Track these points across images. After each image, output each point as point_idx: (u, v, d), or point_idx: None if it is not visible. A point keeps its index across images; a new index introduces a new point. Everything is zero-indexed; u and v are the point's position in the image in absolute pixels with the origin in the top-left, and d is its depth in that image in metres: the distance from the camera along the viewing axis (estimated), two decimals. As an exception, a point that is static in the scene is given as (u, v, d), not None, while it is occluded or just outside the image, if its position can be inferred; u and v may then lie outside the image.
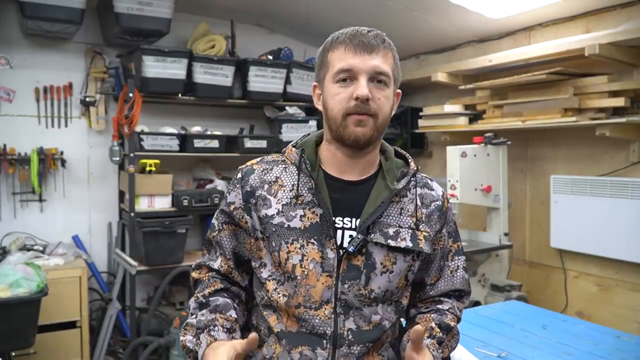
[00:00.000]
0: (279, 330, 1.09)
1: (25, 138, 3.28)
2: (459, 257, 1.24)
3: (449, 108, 3.52)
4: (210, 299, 1.13)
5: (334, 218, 1.08)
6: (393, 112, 1.14)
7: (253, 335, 0.96)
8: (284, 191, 1.11)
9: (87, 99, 3.42)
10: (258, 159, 1.19)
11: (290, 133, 3.60)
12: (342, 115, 1.06)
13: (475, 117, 3.44)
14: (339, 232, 1.08)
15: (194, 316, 1.11)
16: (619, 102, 2.60)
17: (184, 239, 3.27)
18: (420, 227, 1.13)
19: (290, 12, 3.63)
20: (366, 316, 1.08)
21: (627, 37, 2.51)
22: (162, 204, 3.32)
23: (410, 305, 1.22)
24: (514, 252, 3.28)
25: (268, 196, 1.11)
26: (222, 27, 3.65)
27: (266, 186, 1.13)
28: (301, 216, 1.08)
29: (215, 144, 3.43)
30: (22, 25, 3.12)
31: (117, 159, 3.37)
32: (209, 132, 3.54)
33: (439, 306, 1.21)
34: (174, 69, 3.18)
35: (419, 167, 1.20)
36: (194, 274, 1.21)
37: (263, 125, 3.95)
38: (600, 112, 2.70)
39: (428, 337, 1.11)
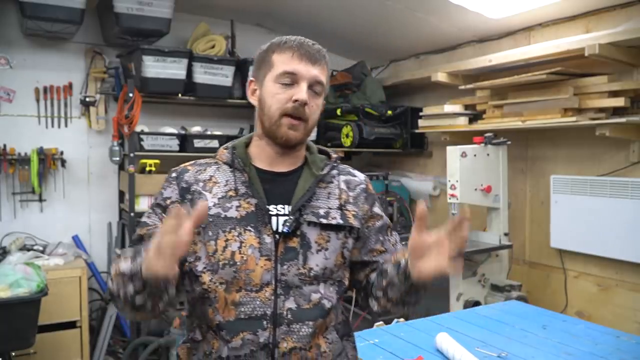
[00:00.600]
0: (218, 322, 1.12)
1: (25, 138, 3.28)
2: (394, 233, 1.35)
3: (449, 108, 3.52)
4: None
5: (268, 206, 1.17)
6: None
7: (204, 203, 1.00)
8: (219, 187, 1.19)
9: (87, 99, 3.42)
10: (191, 162, 1.27)
11: (290, 133, 3.60)
12: (278, 115, 1.16)
13: (475, 117, 3.43)
14: (274, 218, 1.17)
15: (121, 256, 1.09)
16: (619, 102, 2.60)
17: (184, 239, 3.27)
18: (348, 207, 1.23)
19: (290, 12, 3.63)
20: (306, 295, 1.15)
21: (627, 37, 2.50)
22: (162, 204, 3.32)
23: (365, 278, 1.28)
24: (514, 252, 3.27)
25: (203, 192, 1.19)
26: (222, 27, 3.65)
27: (201, 183, 1.20)
28: (237, 207, 1.16)
29: (215, 144, 3.43)
30: (22, 25, 3.12)
31: (117, 159, 3.37)
32: (209, 132, 3.54)
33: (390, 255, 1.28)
34: (174, 69, 3.18)
35: (339, 155, 1.33)
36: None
37: (263, 125, 3.95)
38: (600, 112, 2.70)
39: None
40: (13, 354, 2.60)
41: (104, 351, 3.22)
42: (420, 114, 3.75)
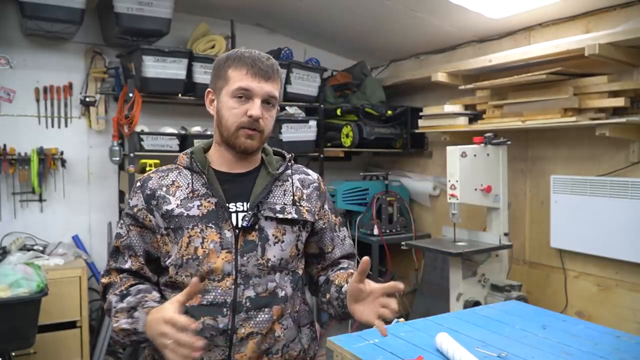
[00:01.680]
0: (185, 307, 1.17)
1: (25, 138, 3.28)
2: (343, 228, 1.50)
3: (449, 108, 3.52)
4: (130, 289, 1.25)
5: (227, 204, 1.27)
6: None
7: (195, 279, 1.07)
8: (181, 190, 1.29)
9: (87, 99, 3.42)
10: (153, 170, 1.38)
11: (290, 133, 3.60)
12: (235, 127, 1.26)
13: (475, 117, 3.44)
14: (234, 215, 1.27)
15: (121, 303, 1.21)
16: (619, 102, 2.60)
17: (184, 239, 3.27)
18: (302, 203, 1.36)
19: (290, 12, 3.63)
20: (263, 284, 1.26)
21: (627, 37, 2.50)
22: (162, 204, 3.32)
23: (316, 274, 1.46)
24: (514, 252, 3.28)
25: (167, 195, 1.28)
26: (222, 27, 3.65)
27: (164, 188, 1.30)
28: (198, 206, 1.26)
29: (215, 144, 3.43)
30: (22, 25, 3.12)
31: (117, 159, 3.37)
32: (209, 132, 3.54)
33: (341, 266, 1.44)
34: (174, 69, 3.18)
35: (293, 155, 1.45)
36: (104, 280, 1.33)
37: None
38: (600, 112, 2.70)
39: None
40: (13, 354, 2.60)
41: (104, 351, 3.22)
42: (420, 114, 3.75)
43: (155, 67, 3.11)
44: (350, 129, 3.76)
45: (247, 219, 1.26)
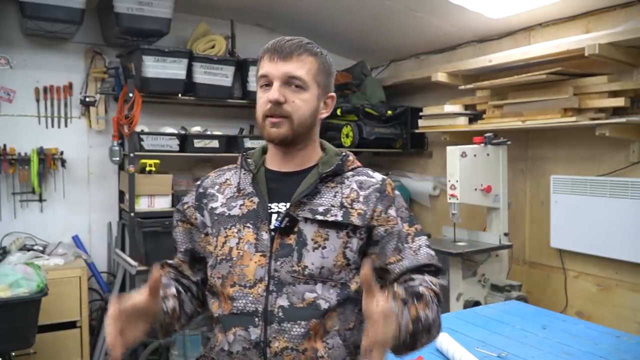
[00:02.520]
0: (218, 314, 1.16)
1: (25, 138, 3.28)
2: (419, 238, 1.23)
3: (449, 108, 3.52)
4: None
5: (269, 204, 1.18)
6: (323, 116, 1.26)
7: (155, 274, 1.02)
8: (230, 188, 1.25)
9: (87, 99, 3.42)
10: (217, 169, 1.35)
11: (290, 133, 3.59)
12: (262, 117, 1.17)
13: (475, 117, 3.43)
14: (274, 216, 1.17)
15: None
16: (619, 102, 2.60)
17: (184, 239, 3.27)
18: (354, 205, 1.17)
19: (290, 12, 3.63)
20: (299, 293, 1.11)
21: (627, 37, 2.50)
22: (162, 204, 3.32)
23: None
24: (514, 252, 3.28)
25: (217, 193, 1.26)
26: (222, 27, 3.65)
27: (217, 186, 1.27)
28: (240, 205, 1.20)
29: (215, 144, 3.43)
30: (22, 25, 3.12)
31: (117, 159, 3.37)
32: (209, 132, 3.54)
33: (410, 283, 1.16)
34: (174, 69, 3.17)
35: (360, 165, 1.27)
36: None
37: (263, 125, 3.95)
38: (600, 112, 2.70)
39: (393, 299, 1.01)
40: (13, 354, 2.60)
41: (104, 351, 3.22)
42: (420, 114, 3.75)
43: (155, 67, 3.11)
44: (350, 129, 3.76)
45: (279, 218, 1.15)
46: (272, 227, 1.15)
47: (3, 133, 3.21)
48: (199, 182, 1.32)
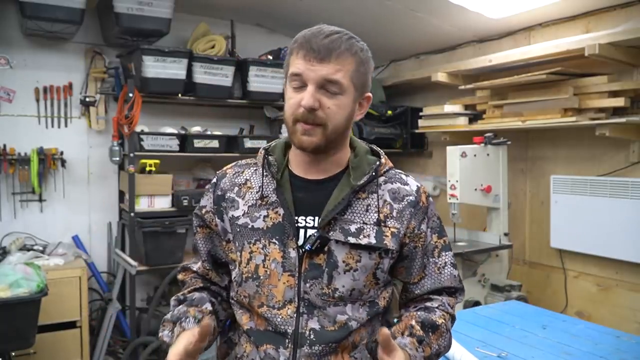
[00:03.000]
0: (249, 327, 1.11)
1: (25, 138, 3.28)
2: (446, 253, 1.18)
3: (449, 108, 3.52)
4: (188, 295, 1.17)
5: (296, 217, 1.08)
6: (358, 118, 1.13)
7: (205, 322, 1.00)
8: (251, 193, 1.13)
9: (87, 99, 3.42)
10: (234, 163, 1.22)
11: (290, 133, 3.59)
12: (292, 121, 1.06)
13: (475, 117, 3.44)
14: (301, 231, 1.08)
15: (170, 312, 1.15)
16: (619, 102, 2.60)
17: (184, 239, 3.27)
18: (388, 223, 1.10)
19: (290, 12, 3.63)
20: (331, 316, 1.06)
21: (627, 37, 2.50)
22: (162, 204, 3.32)
23: (401, 305, 1.22)
24: (514, 252, 3.28)
25: (237, 198, 1.14)
26: (222, 27, 3.65)
27: (236, 189, 1.15)
28: (264, 216, 1.09)
29: (215, 144, 3.43)
30: (22, 25, 3.12)
31: (117, 159, 3.37)
32: (209, 132, 3.54)
33: (428, 304, 1.16)
34: (174, 69, 3.17)
35: (392, 166, 1.18)
36: (180, 276, 1.26)
37: (263, 125, 3.95)
38: (600, 112, 2.70)
39: (408, 336, 1.08)
40: (13, 354, 2.60)
41: (104, 351, 3.22)
42: (420, 114, 3.75)
43: (155, 67, 3.11)
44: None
45: (310, 241, 1.05)
46: (300, 244, 1.07)
47: (3, 133, 3.21)
48: (215, 181, 1.20)
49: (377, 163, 1.14)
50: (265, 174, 1.13)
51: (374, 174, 1.12)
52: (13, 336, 2.42)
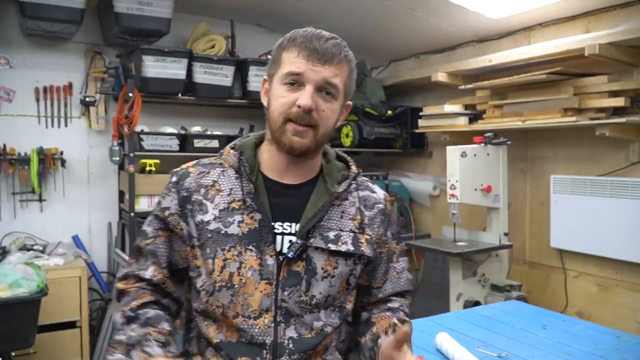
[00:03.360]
0: (219, 340, 1.05)
1: (25, 138, 3.28)
2: (403, 259, 1.24)
3: (449, 108, 3.52)
4: (139, 312, 1.04)
5: (273, 223, 1.06)
6: (339, 124, 1.14)
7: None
8: (222, 196, 1.08)
9: (87, 99, 3.42)
10: (194, 162, 1.15)
11: (290, 133, 3.59)
12: (282, 120, 1.04)
13: (475, 117, 3.44)
14: (279, 237, 1.06)
15: (121, 332, 1.02)
16: (619, 102, 2.60)
17: (184, 239, 3.27)
18: (363, 229, 1.12)
19: (290, 12, 3.63)
20: (307, 323, 1.06)
21: (627, 37, 2.50)
22: (162, 204, 3.32)
23: (359, 308, 1.22)
24: (514, 252, 3.28)
25: (204, 201, 1.08)
26: (222, 27, 3.65)
27: (203, 190, 1.09)
28: (239, 222, 1.05)
29: (215, 144, 3.43)
30: (22, 25, 3.12)
31: (117, 159, 3.37)
32: (209, 132, 3.54)
33: (390, 305, 1.20)
34: (174, 69, 3.17)
35: (360, 171, 1.19)
36: (120, 285, 1.11)
37: (263, 125, 3.88)
38: (600, 112, 2.70)
39: (392, 333, 1.09)
40: (13, 354, 2.60)
41: (104, 351, 3.22)
42: (420, 114, 3.75)
43: (155, 67, 3.11)
44: (350, 128, 3.76)
45: (293, 248, 1.04)
46: (279, 251, 1.05)
47: (3, 133, 3.21)
48: (176, 180, 1.12)
49: (355, 171, 1.16)
50: (238, 176, 1.09)
51: (354, 182, 1.14)
52: (13, 336, 2.42)
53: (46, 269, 2.87)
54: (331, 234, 1.08)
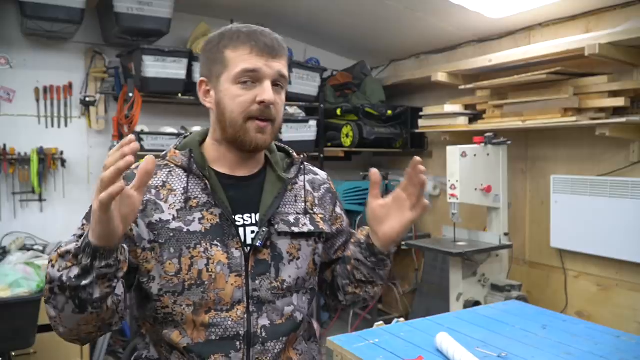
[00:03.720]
0: (186, 344, 1.03)
1: (25, 138, 3.28)
2: (352, 231, 1.30)
3: (449, 108, 3.52)
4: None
5: (233, 216, 1.07)
6: None
7: (149, 157, 0.84)
8: (175, 195, 1.06)
9: (87, 99, 3.42)
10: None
11: (291, 133, 3.60)
12: (242, 119, 1.04)
13: (475, 117, 3.44)
14: (241, 229, 1.07)
15: (53, 281, 0.92)
16: (619, 102, 2.60)
17: (184, 239, 3.27)
18: (315, 210, 1.17)
19: (290, 12, 3.63)
20: (279, 309, 1.08)
21: (627, 37, 2.50)
22: (162, 204, 3.32)
23: (334, 271, 1.25)
24: (514, 252, 3.28)
25: (158, 201, 1.05)
26: (222, 26, 3.63)
27: (153, 191, 1.06)
28: (199, 219, 1.04)
29: (215, 144, 3.43)
30: (22, 25, 3.12)
31: (117, 158, 3.36)
32: (209, 132, 3.54)
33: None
34: (174, 69, 3.17)
35: (304, 157, 1.22)
36: (53, 256, 0.94)
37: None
38: (600, 112, 2.70)
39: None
40: (13, 353, 2.60)
41: (104, 351, 3.22)
42: (420, 113, 3.75)
43: (155, 67, 3.11)
44: (350, 128, 3.76)
45: (260, 236, 1.06)
46: (247, 245, 1.06)
47: (3, 133, 3.21)
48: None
49: (301, 157, 1.20)
50: (189, 174, 1.07)
51: (301, 167, 1.19)
52: (13, 336, 2.42)
53: (46, 268, 2.87)
54: (291, 218, 1.12)
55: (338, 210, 1.25)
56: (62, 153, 3.33)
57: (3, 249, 3.11)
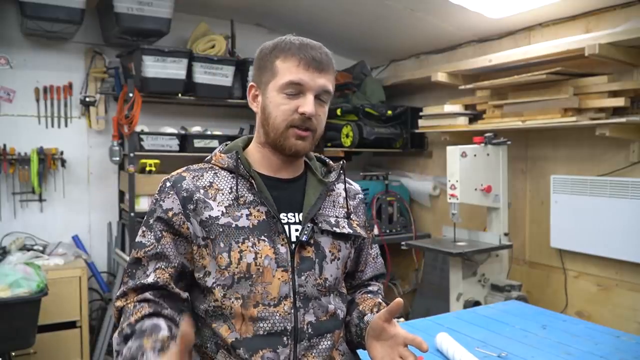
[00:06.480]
0: (234, 339, 1.05)
1: (25, 138, 3.28)
2: (375, 245, 1.36)
3: (449, 108, 3.52)
4: (136, 326, 1.00)
5: (278, 214, 1.12)
6: None
7: (184, 326, 0.89)
8: (222, 194, 1.11)
9: (87, 99, 3.42)
10: (183, 168, 1.17)
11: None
12: (284, 127, 1.10)
13: (475, 117, 3.44)
14: (286, 227, 1.12)
15: (119, 354, 0.99)
16: (619, 102, 2.60)
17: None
18: (352, 216, 1.23)
19: (290, 12, 3.63)
20: (324, 306, 1.12)
21: (627, 37, 2.50)
22: (162, 204, 3.32)
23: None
24: (514, 252, 3.27)
25: (207, 200, 1.10)
26: (222, 27, 3.65)
27: (202, 190, 1.11)
28: (247, 215, 1.09)
29: (215, 144, 3.43)
30: (22, 25, 3.12)
31: (117, 159, 3.37)
32: (209, 132, 3.54)
33: (370, 288, 1.31)
34: (174, 69, 3.18)
35: (342, 165, 1.27)
36: (118, 303, 1.09)
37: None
38: (600, 112, 2.70)
39: (377, 312, 1.17)
40: (13, 354, 2.60)
41: (104, 351, 3.22)
42: (420, 114, 3.75)
43: (155, 67, 3.11)
44: (350, 129, 3.76)
45: (306, 231, 1.11)
46: (292, 242, 1.10)
47: (3, 133, 3.21)
48: (171, 184, 1.12)
49: (340, 164, 1.25)
50: (236, 175, 1.13)
51: (341, 172, 1.24)
52: (13, 336, 2.42)
53: (46, 269, 2.87)
54: (332, 220, 1.17)
55: (366, 222, 1.31)
56: (62, 153, 3.33)
57: (3, 249, 3.11)
